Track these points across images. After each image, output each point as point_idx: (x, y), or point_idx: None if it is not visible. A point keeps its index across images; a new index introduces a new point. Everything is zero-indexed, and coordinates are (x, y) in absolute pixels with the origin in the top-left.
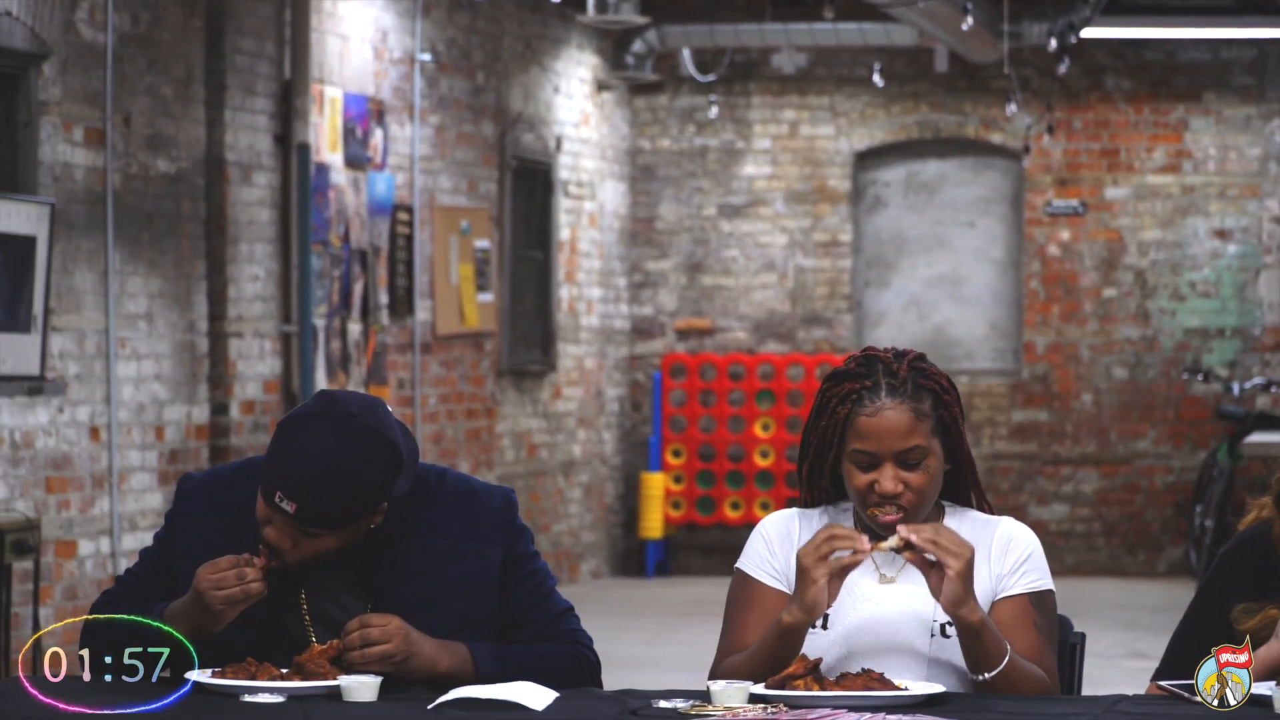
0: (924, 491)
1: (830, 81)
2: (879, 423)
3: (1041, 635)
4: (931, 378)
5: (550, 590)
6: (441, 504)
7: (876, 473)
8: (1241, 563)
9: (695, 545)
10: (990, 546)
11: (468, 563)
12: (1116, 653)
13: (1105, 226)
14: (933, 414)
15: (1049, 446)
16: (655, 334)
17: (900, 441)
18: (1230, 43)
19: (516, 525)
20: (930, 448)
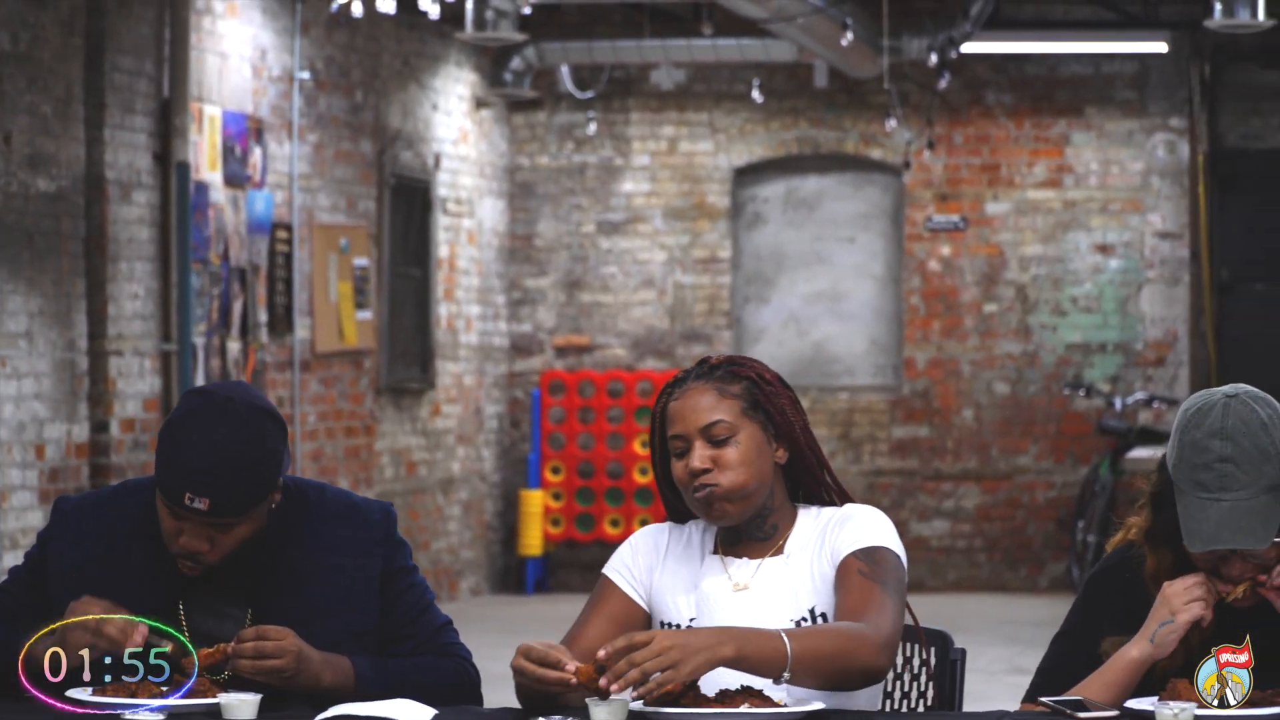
0: (736, 470)
1: (709, 98)
2: (682, 403)
3: (869, 580)
4: (749, 368)
5: (429, 604)
6: (322, 518)
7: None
8: (1109, 588)
9: (574, 562)
10: (825, 533)
11: (348, 575)
12: (998, 668)
13: (986, 242)
14: (744, 396)
15: (930, 462)
16: (534, 351)
17: (704, 416)
18: (1112, 57)
19: (396, 539)
20: (740, 426)
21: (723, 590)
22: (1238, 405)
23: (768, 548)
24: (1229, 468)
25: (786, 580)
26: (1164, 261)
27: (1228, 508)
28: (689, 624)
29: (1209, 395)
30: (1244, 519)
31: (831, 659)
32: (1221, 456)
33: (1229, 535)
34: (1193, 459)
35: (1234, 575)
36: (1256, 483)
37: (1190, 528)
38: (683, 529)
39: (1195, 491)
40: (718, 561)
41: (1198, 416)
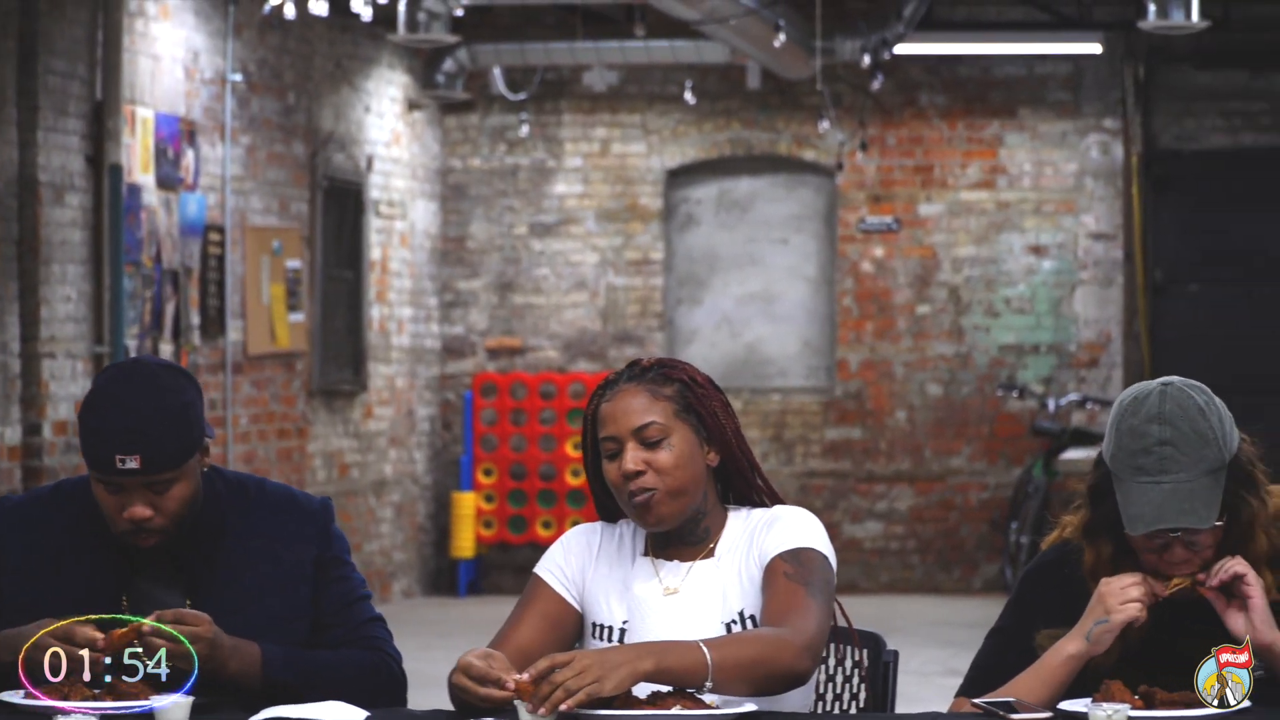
0: (670, 473)
1: (642, 99)
2: (615, 405)
3: (794, 582)
4: (681, 370)
5: (360, 598)
6: (259, 506)
7: (621, 459)
8: (1044, 584)
9: (507, 564)
10: (754, 534)
11: (283, 562)
12: (932, 670)
13: (919, 243)
14: (677, 398)
15: (863, 464)
16: (466, 353)
17: (636, 418)
18: (1045, 58)
19: (332, 530)
20: (673, 428)
21: (654, 594)
22: (1174, 391)
23: (698, 550)
24: (1169, 450)
25: (716, 583)
26: (1098, 263)
27: (1169, 490)
28: (621, 626)
29: (1144, 385)
30: (1185, 500)
31: (753, 665)
32: (1161, 440)
33: (1171, 516)
34: (1131, 445)
35: (1175, 561)
36: (1196, 465)
37: (1131, 512)
38: (614, 529)
39: (1135, 477)
40: (648, 564)
41: (1134, 405)
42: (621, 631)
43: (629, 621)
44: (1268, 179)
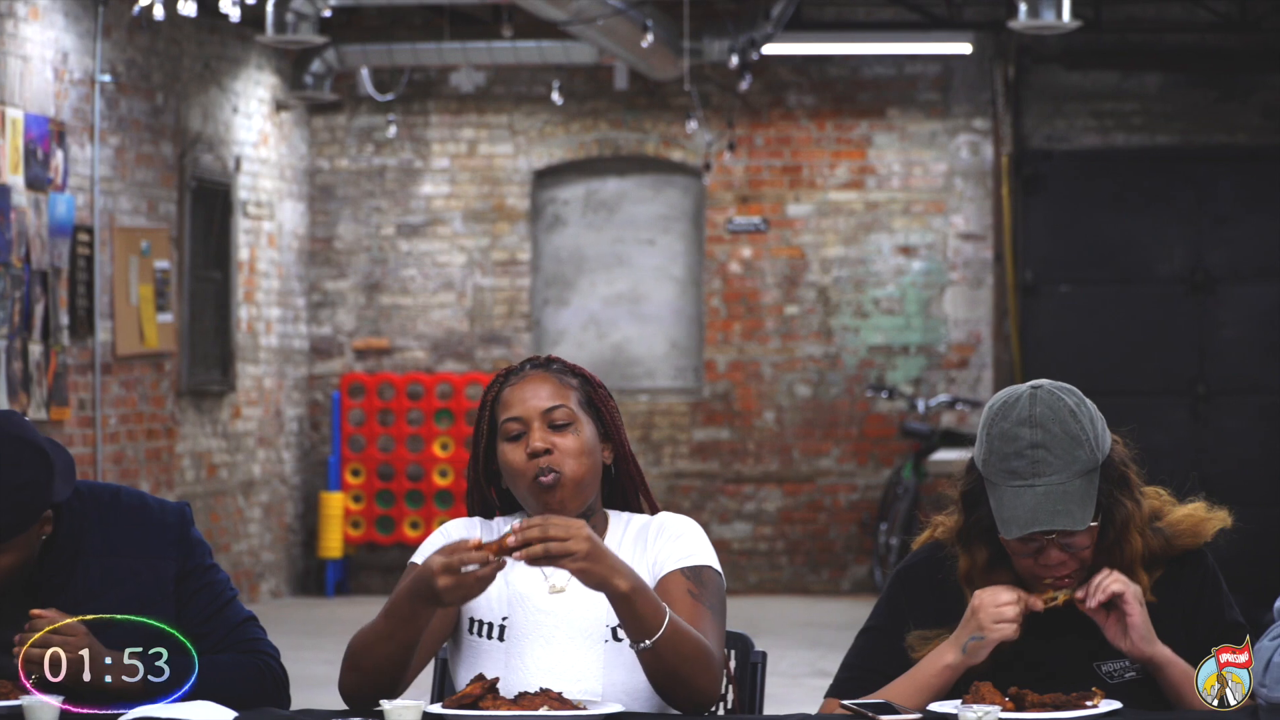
0: (576, 458)
1: (509, 100)
2: (522, 389)
3: (700, 603)
4: (582, 370)
5: (229, 600)
6: (115, 522)
7: (528, 439)
8: (915, 584)
9: (375, 564)
10: (646, 538)
11: (142, 578)
12: (800, 671)
13: (787, 244)
14: (581, 389)
15: (731, 465)
16: (334, 354)
17: (545, 401)
18: (915, 58)
19: (191, 538)
20: (579, 418)
21: (538, 591)
22: (1044, 394)
23: None
24: (1041, 453)
25: None
26: (967, 263)
27: (1042, 492)
28: (501, 623)
29: (1013, 389)
30: (1059, 503)
31: (692, 657)
32: (1033, 443)
33: (1046, 518)
34: (1003, 449)
35: (1052, 564)
36: (1069, 467)
37: (1005, 515)
38: (491, 525)
39: (1008, 481)
40: None
41: (1004, 409)
42: (501, 628)
43: (509, 618)
44: (1138, 179)
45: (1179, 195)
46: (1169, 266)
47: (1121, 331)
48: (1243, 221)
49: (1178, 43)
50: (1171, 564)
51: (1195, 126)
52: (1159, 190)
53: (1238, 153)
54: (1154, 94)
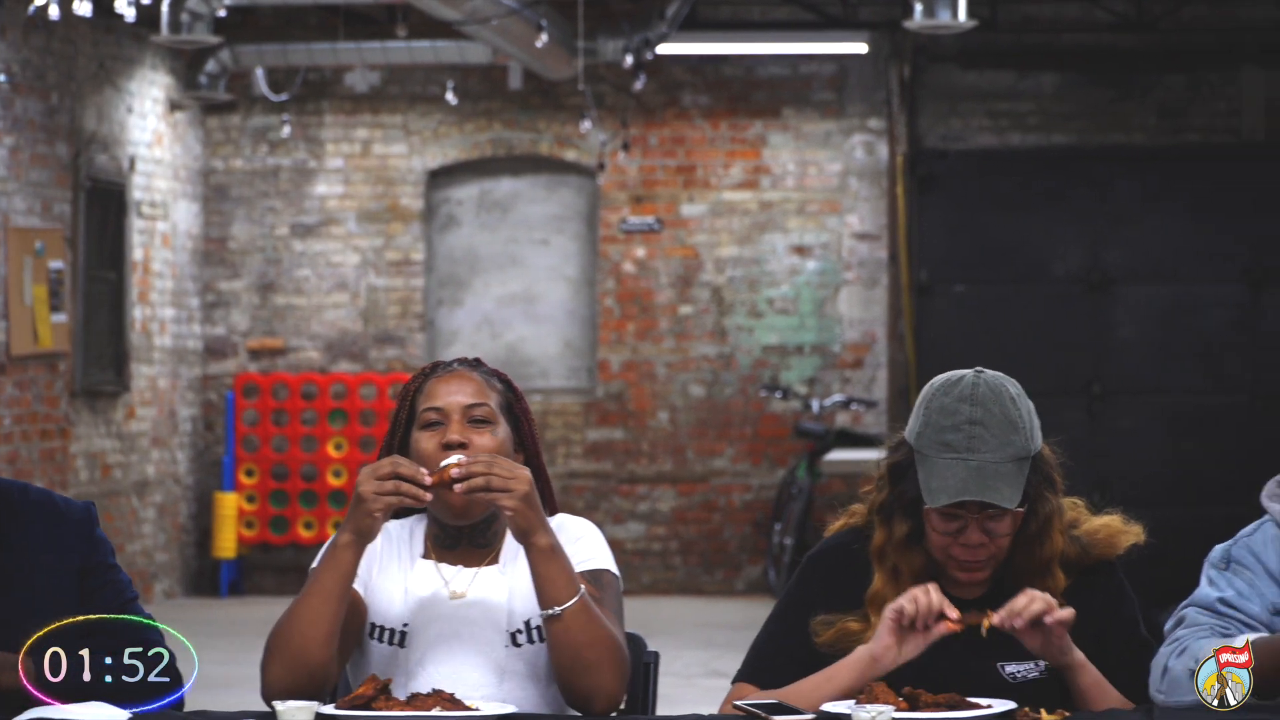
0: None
1: (403, 100)
2: (447, 383)
3: (602, 608)
4: (506, 377)
5: (129, 601)
6: (22, 517)
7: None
8: (824, 569)
9: (269, 565)
10: None
11: (50, 573)
12: (694, 671)
13: (681, 243)
14: (503, 394)
15: (625, 465)
16: (228, 354)
17: (468, 398)
18: (810, 58)
19: (96, 536)
20: (498, 419)
21: (439, 598)
22: (988, 378)
23: (484, 555)
24: (978, 429)
25: (503, 590)
26: (862, 263)
27: (975, 466)
28: (402, 629)
29: (957, 371)
30: (991, 479)
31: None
32: (971, 419)
33: (976, 489)
34: (940, 422)
35: (971, 545)
36: (1004, 449)
37: (934, 485)
38: (393, 527)
39: (941, 453)
40: (432, 567)
41: (946, 386)
42: (402, 634)
43: (410, 625)
44: (1034, 179)
45: (1075, 195)
46: (1065, 266)
47: (1017, 331)
48: (1139, 221)
49: (1074, 43)
50: (1083, 573)
51: (1092, 126)
52: (1055, 190)
53: (1134, 153)
54: (1050, 94)
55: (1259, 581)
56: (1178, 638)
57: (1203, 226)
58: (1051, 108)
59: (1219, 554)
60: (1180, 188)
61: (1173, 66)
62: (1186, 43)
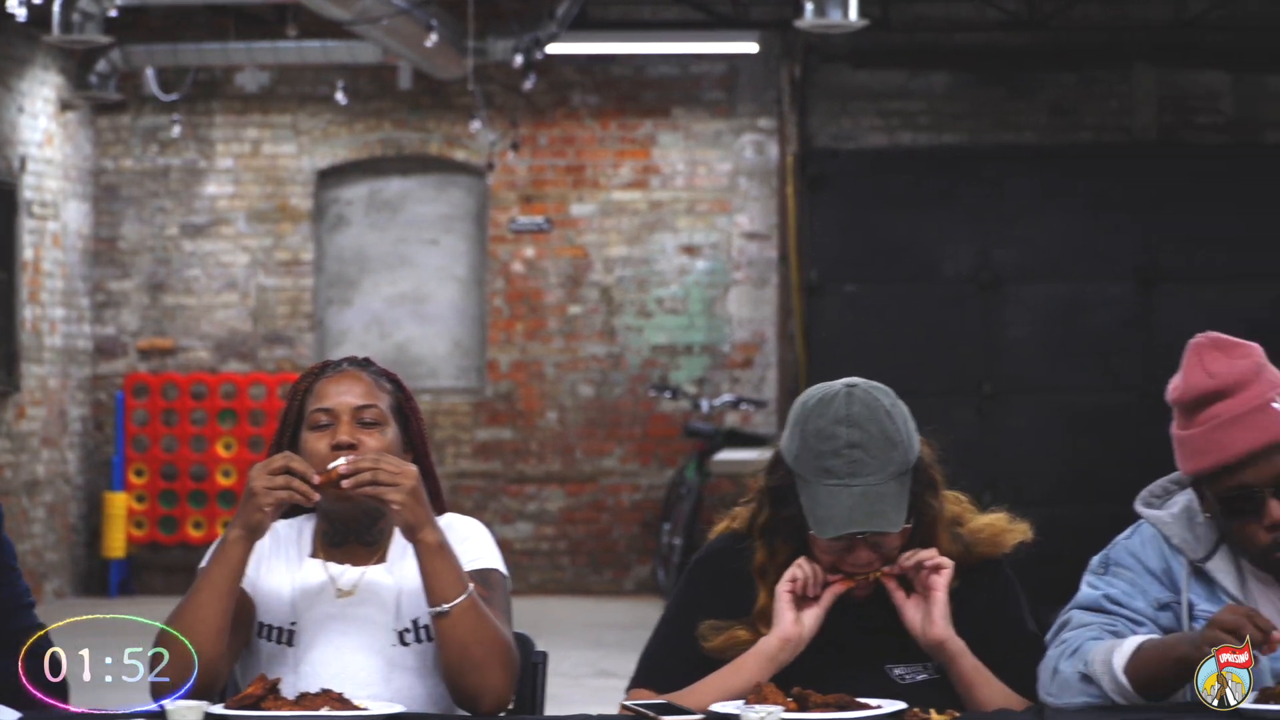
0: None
1: (293, 100)
2: (337, 384)
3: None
4: (396, 377)
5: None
6: None
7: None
8: (710, 573)
9: (158, 564)
10: None
11: None
12: (583, 671)
13: (571, 243)
14: (393, 395)
15: (514, 465)
16: (118, 354)
17: (357, 399)
18: (700, 58)
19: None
20: (388, 420)
21: (326, 595)
22: (860, 393)
23: (371, 554)
24: (858, 453)
25: (390, 588)
26: (752, 263)
27: (859, 493)
28: (290, 628)
29: (827, 386)
30: (876, 503)
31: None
32: (849, 443)
33: (862, 519)
34: (818, 447)
35: (860, 563)
36: (885, 468)
37: (820, 515)
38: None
39: (822, 479)
40: (319, 565)
41: (819, 406)
42: (290, 633)
43: (297, 623)
44: (925, 179)
45: (966, 194)
46: (956, 266)
47: (908, 331)
48: (1031, 220)
49: (966, 42)
50: (969, 571)
51: (983, 125)
52: (946, 189)
53: (1026, 151)
54: (941, 93)
55: (1140, 580)
56: (1065, 639)
57: (1095, 225)
58: (943, 107)
59: (1097, 561)
60: (1072, 186)
61: (1064, 65)
62: (1078, 41)
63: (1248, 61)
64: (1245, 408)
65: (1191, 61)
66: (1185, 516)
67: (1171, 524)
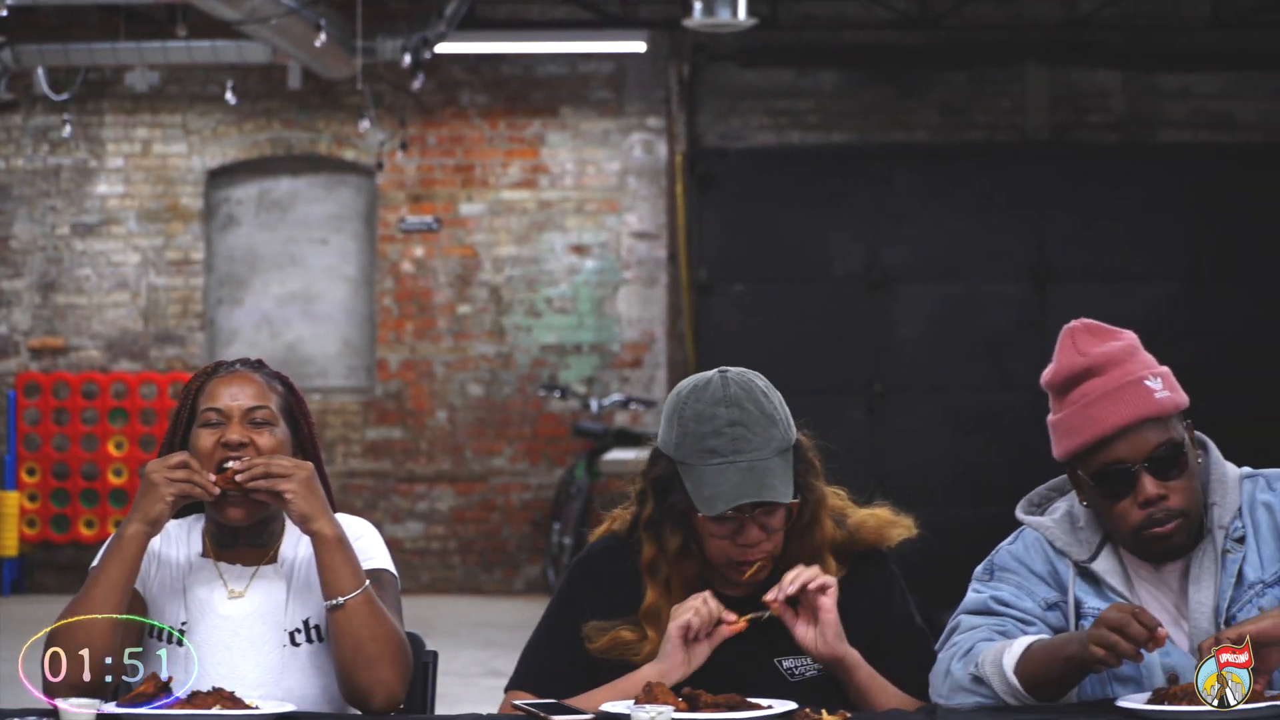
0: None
1: (183, 100)
2: (229, 384)
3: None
4: (288, 379)
5: None
6: None
7: (224, 430)
8: (592, 575)
9: (50, 563)
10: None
11: None
12: (474, 671)
13: (460, 243)
14: (284, 397)
15: (404, 464)
16: (9, 353)
17: (248, 400)
18: (589, 57)
19: None
20: (277, 422)
21: (218, 596)
22: (734, 376)
23: (262, 555)
24: (740, 430)
25: (281, 589)
26: (641, 262)
27: (745, 467)
28: (180, 628)
29: (700, 375)
30: (763, 477)
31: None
32: (731, 421)
33: (753, 490)
34: (699, 429)
35: (751, 543)
36: (768, 444)
37: (708, 494)
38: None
39: (707, 460)
40: (210, 566)
41: (695, 392)
42: (181, 633)
43: (189, 623)
44: (815, 178)
45: (856, 193)
46: (846, 265)
47: (798, 330)
48: (921, 220)
49: (856, 40)
50: (855, 563)
51: (873, 124)
52: (836, 188)
53: (916, 150)
54: (830, 92)
55: (1027, 582)
56: (956, 642)
57: (986, 225)
58: (832, 106)
59: (981, 569)
60: (963, 186)
61: (956, 64)
62: (970, 40)
63: (1139, 60)
64: (1117, 383)
65: (1083, 61)
66: (1067, 521)
67: (1053, 528)
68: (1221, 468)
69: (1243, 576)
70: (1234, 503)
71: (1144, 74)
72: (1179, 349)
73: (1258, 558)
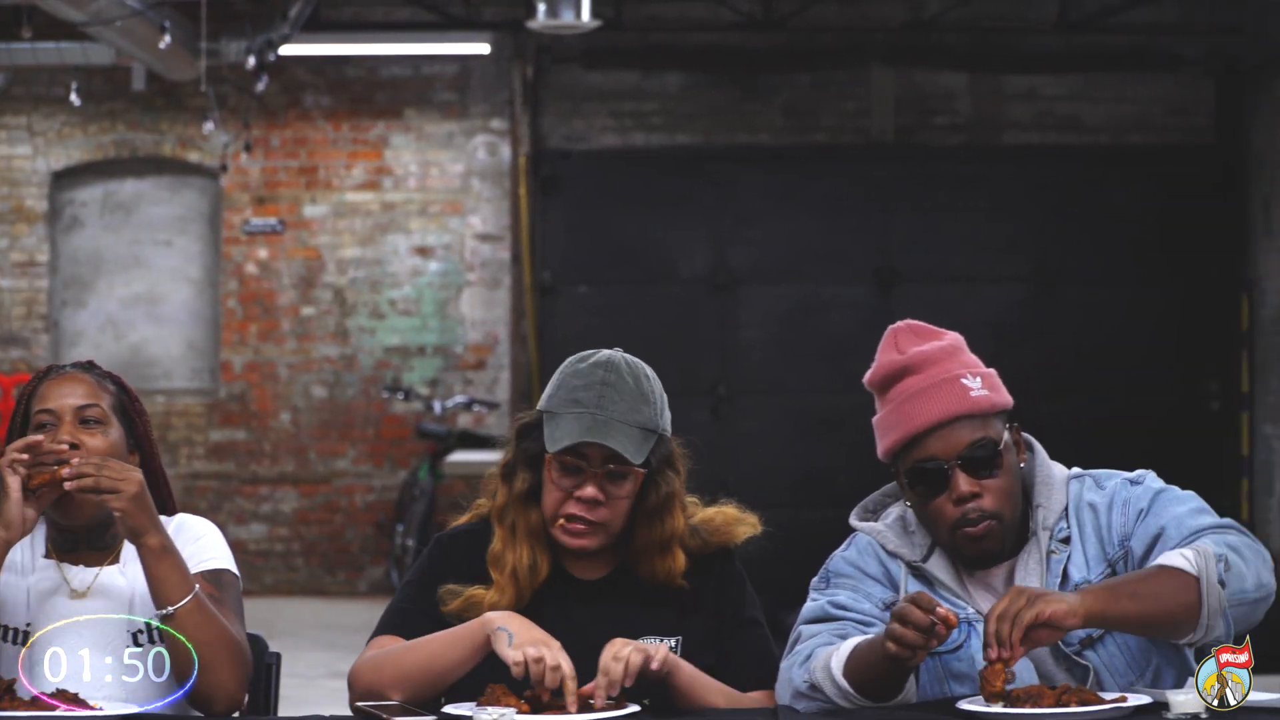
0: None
1: (28, 101)
2: (60, 384)
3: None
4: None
5: None
6: None
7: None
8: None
9: None
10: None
11: None
12: (317, 673)
13: (304, 245)
14: (116, 396)
15: (247, 466)
16: None
17: (79, 399)
18: (432, 59)
19: None
20: (110, 420)
21: (60, 596)
22: (624, 356)
23: (105, 555)
24: (609, 390)
25: (124, 589)
26: (485, 264)
27: (603, 420)
28: (25, 629)
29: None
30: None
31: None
32: (604, 381)
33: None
34: (572, 383)
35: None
36: (632, 414)
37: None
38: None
39: (570, 409)
40: (52, 566)
41: (583, 358)
42: (25, 634)
43: (32, 624)
44: (659, 179)
45: (701, 195)
46: (690, 267)
47: (643, 332)
48: (766, 222)
49: (700, 42)
50: (701, 558)
51: (717, 126)
52: (681, 190)
53: (760, 153)
54: (675, 93)
55: (863, 585)
56: (798, 650)
57: (832, 227)
58: (676, 108)
59: (817, 578)
60: (808, 188)
61: (800, 66)
62: (814, 42)
63: (985, 62)
64: (932, 381)
65: (929, 63)
66: (900, 525)
67: (886, 532)
68: (1047, 469)
69: (1068, 577)
70: (1059, 504)
71: (990, 76)
72: (1026, 351)
73: (1083, 558)
